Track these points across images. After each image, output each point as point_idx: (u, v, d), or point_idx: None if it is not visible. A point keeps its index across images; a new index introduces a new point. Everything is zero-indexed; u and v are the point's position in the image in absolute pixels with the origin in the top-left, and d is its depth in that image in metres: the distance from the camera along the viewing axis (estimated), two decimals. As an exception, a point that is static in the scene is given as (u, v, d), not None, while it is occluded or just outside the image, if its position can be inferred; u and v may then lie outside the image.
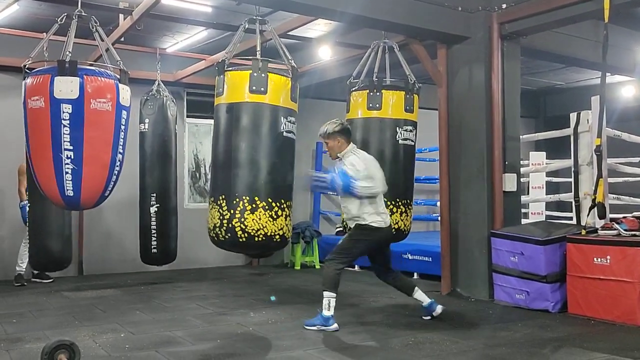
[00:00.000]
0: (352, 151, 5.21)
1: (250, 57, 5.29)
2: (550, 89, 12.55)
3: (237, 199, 4.93)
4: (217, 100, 5.22)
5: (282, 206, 5.08)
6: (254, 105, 5.04)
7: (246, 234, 4.89)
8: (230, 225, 4.91)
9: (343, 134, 5.21)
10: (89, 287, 7.41)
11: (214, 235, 5.06)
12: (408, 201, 6.12)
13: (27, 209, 7.32)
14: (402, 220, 6.01)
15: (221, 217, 4.96)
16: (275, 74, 5.12)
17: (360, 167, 5.06)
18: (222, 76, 5.14)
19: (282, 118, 5.11)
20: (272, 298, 5.50)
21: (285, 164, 5.20)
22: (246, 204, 4.92)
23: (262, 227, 4.94)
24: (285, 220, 5.12)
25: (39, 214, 6.59)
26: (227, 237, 4.94)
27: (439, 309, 5.31)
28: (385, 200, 5.62)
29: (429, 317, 5.34)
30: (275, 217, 5.02)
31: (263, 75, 5.01)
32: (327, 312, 4.99)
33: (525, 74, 9.88)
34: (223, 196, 4.98)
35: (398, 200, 5.99)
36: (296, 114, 5.28)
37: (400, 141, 6.04)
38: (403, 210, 6.03)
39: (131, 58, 7.38)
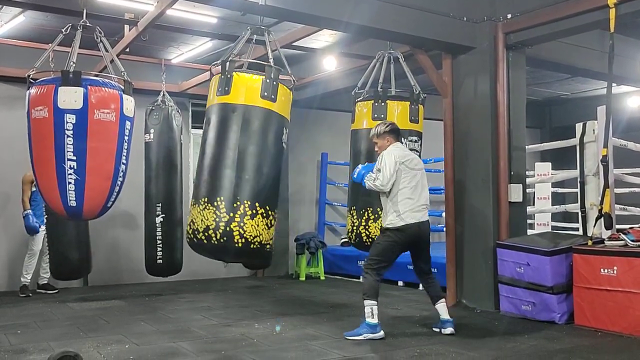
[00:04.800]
0: (390, 148, 5.27)
1: (262, 62, 5.24)
2: (556, 99, 12.54)
3: (239, 202, 4.82)
4: (221, 99, 5.05)
5: (275, 215, 5.10)
6: (265, 111, 5.01)
7: (243, 239, 4.80)
8: (228, 228, 4.79)
9: (392, 134, 5.33)
10: (94, 298, 7.41)
11: (203, 237, 4.84)
12: None
13: (30, 217, 7.36)
14: None
15: (217, 219, 4.81)
16: (282, 84, 5.12)
17: (384, 160, 5.13)
18: (229, 76, 4.99)
19: (284, 128, 5.15)
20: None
21: (280, 174, 5.27)
22: (247, 209, 4.84)
23: (258, 234, 4.88)
24: (273, 231, 5.08)
25: (55, 223, 6.58)
26: (222, 240, 4.80)
27: (449, 330, 5.21)
28: None
29: (437, 330, 5.29)
30: (269, 225, 5.00)
31: (274, 83, 4.99)
32: (372, 320, 4.99)
33: (531, 84, 9.89)
34: (221, 198, 4.84)
35: None
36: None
37: None
38: None
39: (136, 69, 7.41)
